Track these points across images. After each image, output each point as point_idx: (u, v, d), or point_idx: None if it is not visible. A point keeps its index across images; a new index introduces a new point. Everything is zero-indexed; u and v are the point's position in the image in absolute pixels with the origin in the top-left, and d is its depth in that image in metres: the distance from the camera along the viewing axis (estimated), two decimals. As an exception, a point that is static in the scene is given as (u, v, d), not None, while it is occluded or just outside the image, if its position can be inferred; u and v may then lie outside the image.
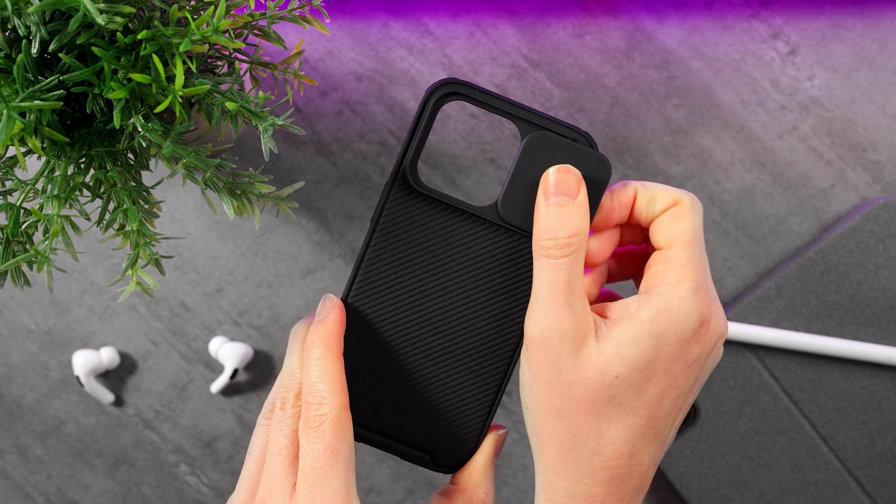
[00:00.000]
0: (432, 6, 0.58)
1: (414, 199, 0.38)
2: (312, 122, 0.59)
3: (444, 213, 0.38)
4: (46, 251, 0.36)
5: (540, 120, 0.37)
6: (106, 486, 0.61)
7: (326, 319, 0.36)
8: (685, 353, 0.35)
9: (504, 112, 0.37)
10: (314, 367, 0.35)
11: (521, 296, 0.38)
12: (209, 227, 0.60)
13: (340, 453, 0.34)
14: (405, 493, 0.61)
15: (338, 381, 0.35)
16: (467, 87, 0.37)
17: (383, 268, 0.38)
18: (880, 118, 0.58)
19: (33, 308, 0.60)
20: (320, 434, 0.34)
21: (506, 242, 0.38)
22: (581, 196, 0.36)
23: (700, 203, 0.37)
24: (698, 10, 0.58)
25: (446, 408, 0.38)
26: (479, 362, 0.38)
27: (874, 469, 0.57)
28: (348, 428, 0.35)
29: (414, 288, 0.38)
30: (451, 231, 0.38)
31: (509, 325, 0.38)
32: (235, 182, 0.40)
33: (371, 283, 0.38)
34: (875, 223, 0.56)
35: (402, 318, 0.38)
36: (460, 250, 0.38)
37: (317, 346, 0.36)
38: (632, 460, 0.36)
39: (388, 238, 0.38)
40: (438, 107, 0.37)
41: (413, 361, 0.38)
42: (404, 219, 0.38)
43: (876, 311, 0.56)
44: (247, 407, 0.61)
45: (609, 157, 0.58)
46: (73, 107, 0.39)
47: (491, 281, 0.38)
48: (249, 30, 0.42)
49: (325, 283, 0.60)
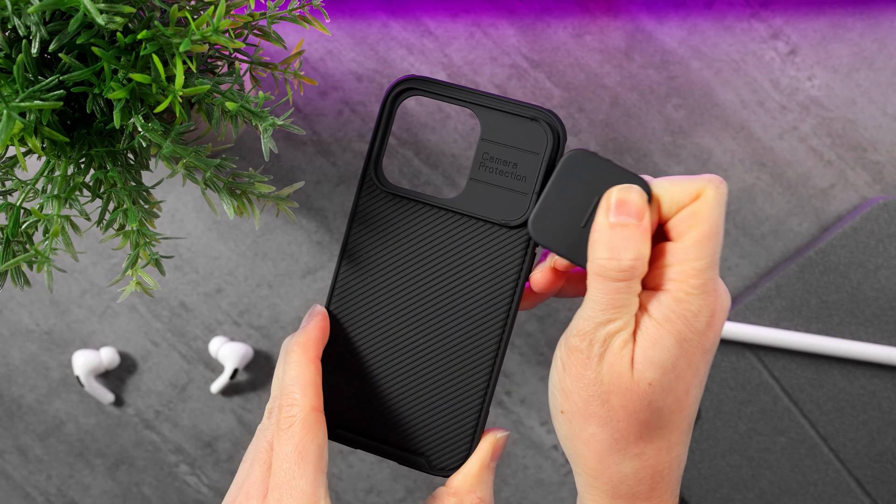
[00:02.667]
0: (432, 6, 0.58)
1: (382, 199, 0.37)
2: (312, 122, 0.59)
3: (414, 209, 0.37)
4: (46, 251, 0.36)
5: (497, 103, 0.36)
6: (106, 486, 0.61)
7: (307, 326, 0.37)
8: (703, 343, 0.35)
9: (462, 101, 0.36)
10: (289, 371, 0.36)
11: (500, 286, 0.37)
12: (209, 227, 0.60)
13: (309, 453, 0.34)
14: (405, 492, 0.61)
15: (310, 383, 0.35)
16: (421, 81, 0.36)
17: (361, 272, 0.38)
18: (880, 118, 0.58)
19: (33, 308, 0.60)
20: (290, 435, 0.34)
21: (476, 233, 0.37)
22: (646, 220, 0.34)
23: (725, 187, 0.35)
24: (698, 10, 0.58)
25: (437, 409, 0.38)
26: (464, 360, 0.38)
27: (874, 469, 0.57)
28: (318, 429, 0.35)
29: (393, 289, 0.38)
30: (422, 227, 0.37)
31: (490, 318, 0.37)
32: (235, 182, 0.40)
33: (350, 288, 0.38)
34: (875, 223, 0.56)
35: (383, 320, 0.38)
36: (433, 246, 0.37)
37: (293, 351, 0.36)
38: (670, 454, 0.36)
39: (363, 241, 0.38)
40: (394, 105, 0.37)
41: (399, 364, 0.38)
42: (375, 220, 0.38)
43: (876, 311, 0.56)
44: (247, 407, 0.61)
45: (609, 157, 0.58)
46: (73, 107, 0.39)
47: (467, 273, 0.37)
48: (249, 30, 0.42)
49: (325, 283, 0.60)
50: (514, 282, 0.37)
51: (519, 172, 0.37)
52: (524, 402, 0.60)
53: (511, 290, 0.37)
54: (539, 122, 0.36)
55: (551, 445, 0.60)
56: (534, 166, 0.36)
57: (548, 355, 0.59)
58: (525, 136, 0.36)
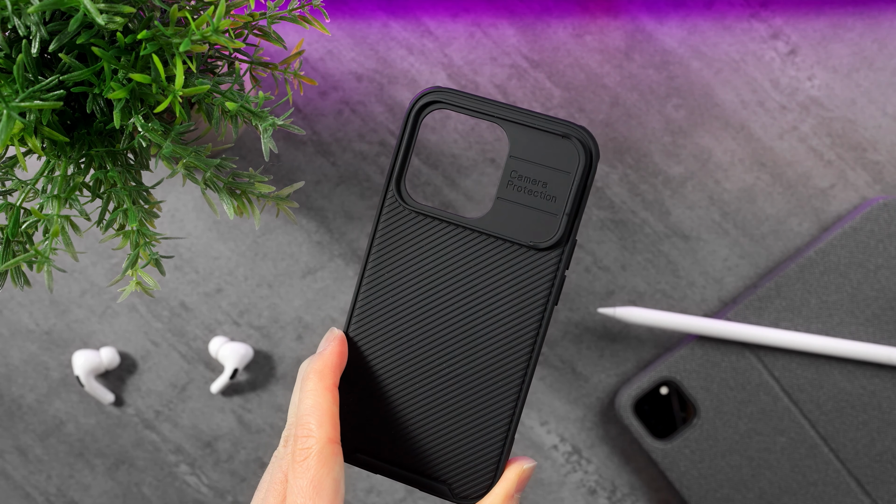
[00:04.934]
0: (432, 6, 0.58)
1: (405, 217, 0.36)
2: (312, 122, 0.59)
3: (438, 228, 0.36)
4: (46, 251, 0.36)
5: (526, 118, 0.35)
6: (106, 486, 0.61)
7: (324, 352, 0.36)
8: None
9: (489, 116, 0.35)
10: (305, 400, 0.35)
11: (528, 310, 0.36)
12: (209, 227, 0.60)
13: (325, 488, 0.33)
14: (405, 493, 0.61)
15: (327, 413, 0.35)
16: (446, 94, 0.35)
17: (381, 293, 0.37)
18: (880, 118, 0.58)
19: (33, 308, 0.60)
20: (305, 468, 0.34)
21: (503, 255, 0.36)
22: None
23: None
24: (698, 10, 0.58)
25: (460, 436, 0.36)
26: (489, 385, 0.36)
27: (874, 469, 0.57)
28: (334, 462, 0.34)
29: (415, 311, 0.36)
30: (446, 248, 0.36)
31: (517, 343, 0.36)
32: (235, 182, 0.40)
33: (371, 310, 0.37)
34: (875, 223, 0.56)
35: (406, 343, 0.37)
36: (458, 267, 0.36)
37: (310, 379, 0.35)
38: None
39: (384, 261, 0.36)
40: (417, 119, 0.35)
41: (422, 388, 0.37)
42: (398, 239, 0.36)
43: (876, 311, 0.56)
44: (247, 407, 0.61)
45: (609, 157, 0.58)
46: (73, 107, 0.39)
47: (494, 296, 0.36)
48: (249, 30, 0.42)
49: (326, 283, 0.60)
50: (542, 306, 0.36)
51: (549, 192, 0.35)
52: (524, 402, 0.60)
53: (539, 315, 0.36)
54: (571, 139, 0.35)
55: (551, 445, 0.60)
56: (565, 186, 0.35)
57: (548, 355, 0.59)
58: (555, 154, 0.35)
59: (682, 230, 0.59)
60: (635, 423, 0.57)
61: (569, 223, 0.35)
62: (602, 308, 0.57)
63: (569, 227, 0.35)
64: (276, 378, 0.60)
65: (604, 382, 0.59)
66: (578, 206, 0.35)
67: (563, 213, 0.35)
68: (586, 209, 0.59)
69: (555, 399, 0.60)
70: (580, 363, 0.59)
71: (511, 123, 0.35)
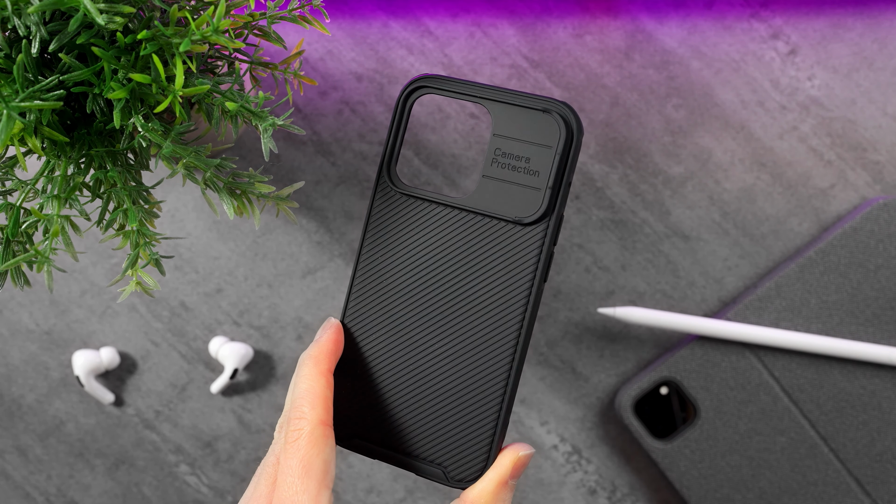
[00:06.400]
0: (432, 6, 0.58)
1: (396, 201, 0.36)
2: (312, 122, 0.59)
3: (427, 210, 0.36)
4: (46, 251, 0.36)
5: (508, 97, 0.35)
6: (106, 486, 0.61)
7: (320, 339, 0.37)
8: None
9: (472, 97, 0.36)
10: (300, 384, 0.36)
11: (516, 286, 0.36)
12: (209, 227, 0.60)
13: (314, 468, 0.34)
14: (405, 493, 0.61)
15: (320, 396, 0.35)
16: (432, 80, 0.36)
17: (375, 279, 0.37)
18: (880, 118, 0.58)
19: (33, 308, 0.60)
20: (295, 448, 0.34)
21: (490, 232, 0.36)
22: None
23: None
24: (698, 10, 0.58)
25: (453, 418, 0.36)
26: (480, 365, 0.36)
27: (874, 469, 0.57)
28: (325, 443, 0.34)
29: (407, 294, 0.37)
30: (435, 228, 0.36)
31: (506, 321, 0.36)
32: (235, 182, 0.40)
33: (365, 297, 0.37)
34: (875, 223, 0.56)
35: (399, 327, 0.37)
36: (447, 247, 0.36)
37: (305, 364, 0.36)
38: None
39: (377, 246, 0.37)
40: (406, 105, 0.36)
41: (415, 371, 0.37)
42: (389, 223, 0.36)
43: (876, 311, 0.56)
44: (247, 407, 0.61)
45: (609, 157, 0.58)
46: (73, 107, 0.39)
47: (482, 274, 0.36)
48: (249, 30, 0.42)
49: (326, 283, 0.60)
50: (529, 282, 0.35)
51: (532, 167, 0.35)
52: (524, 402, 0.60)
53: (527, 291, 0.36)
54: (551, 113, 0.35)
55: (551, 445, 0.60)
56: (547, 160, 0.35)
57: (548, 355, 0.59)
58: (537, 129, 0.35)
59: (682, 230, 0.59)
60: (635, 423, 0.57)
61: (552, 196, 0.35)
62: (602, 308, 0.57)
63: (553, 201, 0.35)
64: (275, 378, 0.60)
65: (604, 382, 0.59)
66: (561, 180, 0.35)
67: (547, 186, 0.35)
68: (588, 209, 0.59)
69: (555, 399, 0.60)
70: (580, 363, 0.59)
71: (494, 102, 0.35)
